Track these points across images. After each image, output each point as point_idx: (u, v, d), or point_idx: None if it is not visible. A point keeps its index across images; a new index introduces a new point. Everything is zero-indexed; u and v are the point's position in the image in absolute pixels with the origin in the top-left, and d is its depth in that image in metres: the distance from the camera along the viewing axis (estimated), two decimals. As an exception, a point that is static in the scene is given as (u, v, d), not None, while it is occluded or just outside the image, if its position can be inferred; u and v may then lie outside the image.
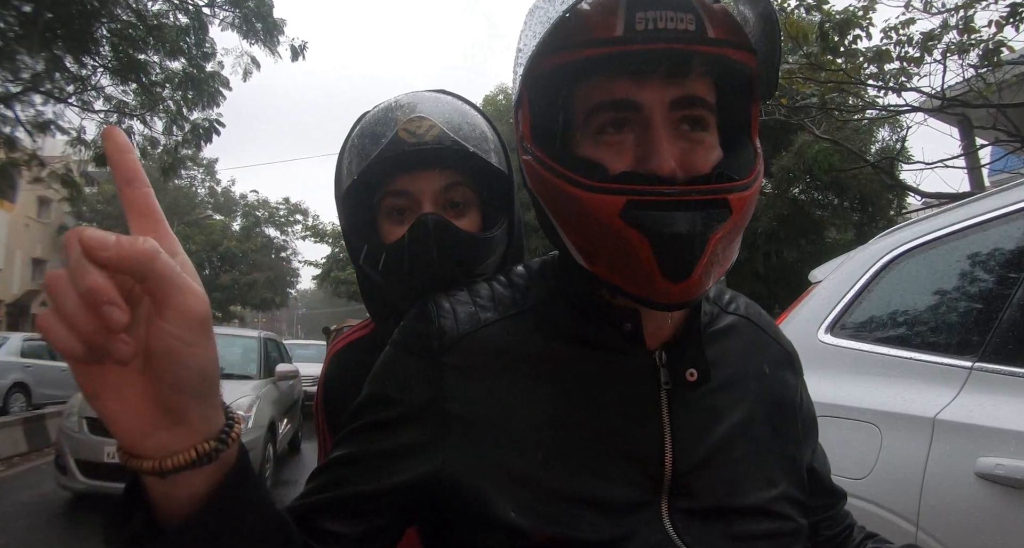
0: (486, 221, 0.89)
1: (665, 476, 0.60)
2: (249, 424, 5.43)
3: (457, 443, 0.59)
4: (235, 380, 6.23)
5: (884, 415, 1.51)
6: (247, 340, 7.23)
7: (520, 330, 0.64)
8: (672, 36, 0.53)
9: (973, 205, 1.65)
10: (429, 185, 0.84)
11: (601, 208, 0.54)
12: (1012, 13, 5.00)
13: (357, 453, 0.61)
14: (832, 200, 11.53)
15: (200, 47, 8.27)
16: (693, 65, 0.55)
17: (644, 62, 0.55)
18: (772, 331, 0.76)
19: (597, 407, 0.61)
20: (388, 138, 0.82)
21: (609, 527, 0.56)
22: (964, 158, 6.63)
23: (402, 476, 0.59)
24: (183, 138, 8.83)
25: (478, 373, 0.61)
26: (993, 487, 1.20)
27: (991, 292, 1.49)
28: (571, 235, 0.60)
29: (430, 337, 0.63)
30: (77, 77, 8.31)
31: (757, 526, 0.62)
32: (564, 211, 0.59)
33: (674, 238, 0.52)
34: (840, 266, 2.05)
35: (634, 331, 0.62)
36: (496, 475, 0.58)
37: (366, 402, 0.64)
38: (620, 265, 0.56)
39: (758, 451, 0.66)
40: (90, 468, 4.88)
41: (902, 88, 5.95)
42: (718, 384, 0.64)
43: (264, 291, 29.95)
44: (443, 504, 0.59)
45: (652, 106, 0.56)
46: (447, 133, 0.82)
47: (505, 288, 0.68)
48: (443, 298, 0.67)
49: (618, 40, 0.54)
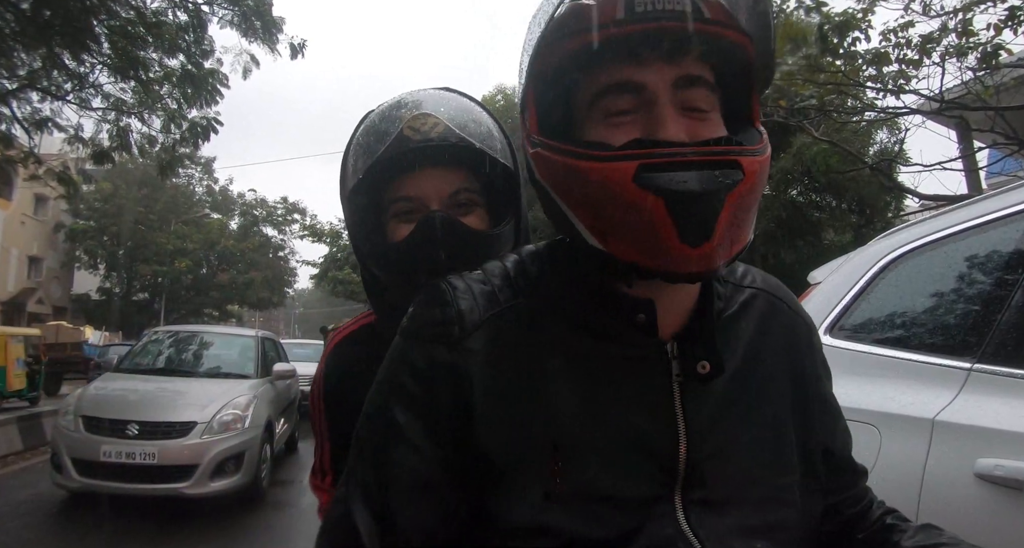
0: (493, 218, 0.88)
1: (679, 468, 0.59)
2: (246, 423, 5.39)
3: (483, 434, 0.58)
4: (232, 379, 6.23)
5: (883, 416, 1.51)
6: (245, 339, 7.22)
7: (534, 316, 0.62)
8: (670, 16, 0.55)
9: (973, 207, 1.66)
10: (436, 182, 0.83)
11: (613, 175, 0.54)
12: (1010, 16, 5.00)
13: (383, 448, 0.59)
14: (830, 202, 11.55)
15: (199, 45, 8.25)
16: (692, 44, 0.57)
17: (645, 41, 0.56)
18: (792, 303, 0.75)
19: (611, 399, 0.60)
20: (393, 136, 0.81)
21: (623, 520, 0.56)
22: (962, 160, 6.64)
23: (441, 453, 0.58)
24: (181, 136, 8.81)
25: (497, 361, 0.60)
26: (992, 488, 1.20)
27: (990, 293, 1.49)
28: (584, 215, 0.58)
29: (449, 322, 0.61)
30: (75, 74, 8.28)
31: (769, 515, 0.61)
32: (576, 190, 0.58)
33: (689, 196, 0.52)
34: (839, 267, 2.05)
35: (648, 322, 0.61)
36: (515, 468, 0.57)
37: (381, 400, 0.62)
38: (636, 235, 0.55)
39: (773, 436, 0.65)
40: (86, 467, 4.85)
41: (901, 90, 5.96)
42: (732, 372, 0.63)
43: (261, 290, 29.93)
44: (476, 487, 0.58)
45: (656, 85, 0.57)
46: (453, 129, 0.82)
47: (517, 268, 0.66)
48: (459, 280, 0.64)
49: (620, 21, 0.55)
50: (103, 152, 8.91)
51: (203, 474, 4.90)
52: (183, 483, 4.84)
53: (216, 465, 4.99)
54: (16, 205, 23.81)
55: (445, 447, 0.58)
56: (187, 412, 5.19)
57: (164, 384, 5.89)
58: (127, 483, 4.81)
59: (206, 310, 29.10)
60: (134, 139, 9.02)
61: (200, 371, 6.47)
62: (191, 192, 31.02)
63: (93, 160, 9.21)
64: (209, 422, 5.10)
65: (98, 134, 8.99)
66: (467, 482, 0.58)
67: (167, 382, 5.95)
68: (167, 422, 5.05)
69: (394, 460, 0.58)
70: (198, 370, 6.51)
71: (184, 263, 26.58)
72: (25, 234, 24.77)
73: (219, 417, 5.19)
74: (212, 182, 31.85)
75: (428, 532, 0.57)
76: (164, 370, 6.38)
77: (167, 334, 7.26)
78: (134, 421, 4.97)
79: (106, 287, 27.68)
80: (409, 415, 0.59)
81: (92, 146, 8.99)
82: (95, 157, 9.05)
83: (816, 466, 0.69)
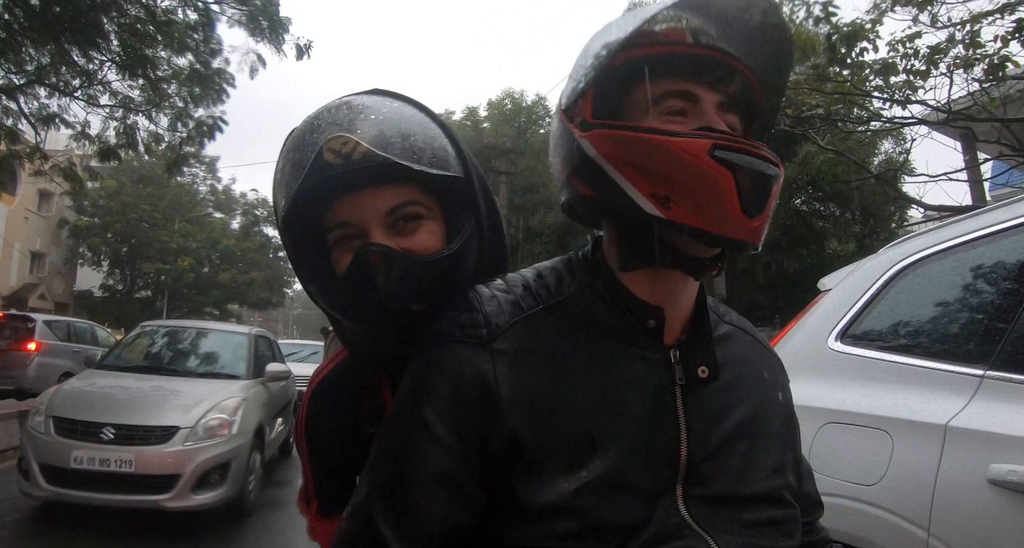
0: (451, 228, 0.80)
1: (680, 465, 0.65)
2: (234, 429, 4.83)
3: (511, 427, 0.62)
4: (222, 380, 5.65)
5: (895, 422, 1.52)
6: (237, 337, 6.57)
7: (557, 321, 0.68)
8: (724, 54, 0.68)
9: (984, 216, 1.66)
10: (371, 202, 0.75)
11: (691, 148, 0.62)
12: (1018, 28, 5.02)
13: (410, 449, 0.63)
14: (834, 211, 11.58)
15: (207, 43, 8.30)
16: (735, 78, 0.69)
17: (704, 66, 0.67)
18: (765, 343, 0.86)
19: (624, 398, 0.66)
20: (310, 163, 0.72)
21: (637, 510, 0.62)
22: (967, 172, 6.66)
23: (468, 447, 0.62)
24: (188, 134, 8.84)
25: (525, 361, 0.65)
26: (1006, 493, 1.20)
27: (1002, 301, 1.50)
28: (647, 184, 0.64)
29: (478, 325, 0.66)
30: (84, 71, 8.32)
31: (764, 512, 0.68)
32: (644, 162, 0.64)
33: (753, 174, 0.62)
34: (850, 274, 2.06)
35: (656, 327, 0.69)
36: (546, 458, 0.62)
37: (410, 399, 0.66)
38: (702, 202, 0.63)
39: (763, 444, 0.72)
40: (55, 474, 4.33)
41: (907, 101, 5.97)
42: (724, 383, 0.71)
43: (261, 290, 29.93)
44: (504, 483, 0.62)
45: (707, 101, 0.67)
46: (374, 152, 0.72)
47: (539, 279, 0.73)
48: (483, 288, 0.71)
49: (688, 44, 0.68)
50: (109, 149, 8.94)
51: (185, 485, 4.40)
52: (163, 495, 4.34)
53: (200, 475, 4.48)
54: (20, 200, 23.86)
55: (469, 442, 0.62)
56: (169, 415, 4.67)
57: (147, 383, 5.32)
58: (101, 493, 4.28)
59: (206, 309, 29.05)
60: (141, 137, 9.06)
61: (188, 370, 5.88)
62: (195, 191, 31.06)
63: (99, 157, 9.25)
64: (193, 427, 4.59)
65: (105, 131, 9.04)
66: (488, 475, 0.63)
67: (151, 381, 5.38)
68: (146, 426, 4.52)
69: (418, 454, 0.63)
70: (185, 369, 5.90)
71: (187, 262, 26.58)
72: (28, 229, 24.82)
73: (204, 422, 4.68)
74: (215, 181, 31.94)
75: (447, 521, 0.62)
76: (149, 368, 5.80)
77: (158, 328, 6.66)
78: (109, 424, 4.44)
79: (109, 284, 27.66)
80: (436, 412, 0.63)
81: (98, 143, 9.03)
82: (101, 154, 9.09)
83: (800, 478, 0.79)
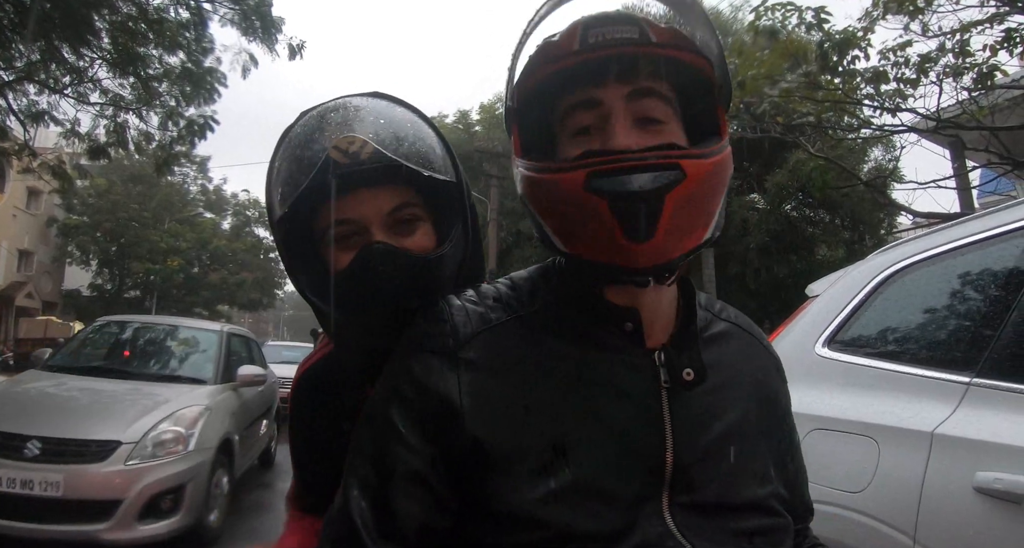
0: (440, 231, 0.83)
1: (666, 471, 0.64)
2: (191, 445, 4.00)
3: (474, 434, 0.62)
4: (183, 384, 4.82)
5: (882, 429, 1.52)
6: (206, 335, 5.67)
7: (527, 331, 0.68)
8: (620, 43, 0.64)
9: (972, 223, 1.67)
10: (373, 202, 0.78)
11: (566, 183, 0.62)
12: (1006, 38, 5.09)
13: (383, 456, 0.64)
14: (824, 217, 11.66)
15: (199, 42, 8.24)
16: (640, 65, 0.65)
17: (599, 66, 0.65)
18: (763, 339, 0.83)
19: (601, 404, 0.65)
20: (319, 162, 0.74)
21: (614, 519, 0.60)
22: (955, 179, 6.72)
23: (434, 451, 0.63)
24: (178, 133, 8.78)
25: (491, 369, 0.65)
26: (991, 501, 1.20)
27: (989, 308, 1.50)
28: (551, 222, 0.66)
29: (445, 335, 0.67)
30: (74, 68, 8.24)
31: (752, 521, 0.66)
32: (543, 200, 0.66)
33: (629, 196, 0.58)
34: (838, 280, 2.06)
35: (635, 330, 0.67)
36: (512, 466, 0.61)
37: (382, 403, 0.67)
38: (589, 236, 0.62)
39: (753, 449, 0.70)
40: None
41: (897, 109, 6.02)
42: (714, 385, 0.69)
43: (252, 291, 29.78)
44: (468, 489, 0.62)
45: (610, 99, 0.65)
46: (382, 152, 0.75)
47: (511, 291, 0.73)
48: (454, 299, 0.71)
49: (576, 52, 0.65)
50: (99, 147, 8.86)
51: (127, 513, 3.58)
52: (100, 524, 3.53)
53: (146, 501, 3.66)
54: (8, 198, 23.64)
55: (436, 445, 0.63)
56: (108, 427, 3.81)
57: (91, 387, 4.46)
58: (23, 521, 3.45)
59: (196, 309, 28.85)
60: (131, 135, 8.98)
61: (145, 373, 5.00)
62: (185, 191, 30.88)
63: (89, 155, 9.16)
64: (139, 442, 3.76)
65: (95, 129, 8.94)
66: (459, 476, 0.63)
67: (99, 385, 4.53)
68: (78, 440, 3.69)
69: (391, 456, 0.64)
70: (142, 371, 5.02)
71: (176, 262, 26.41)
72: (16, 227, 24.58)
73: (153, 435, 3.85)
74: (206, 181, 31.77)
75: (421, 520, 0.62)
76: (101, 369, 4.91)
77: (119, 324, 5.82)
78: (36, 437, 3.63)
79: (98, 283, 27.41)
80: (405, 417, 0.64)
81: (88, 141, 8.94)
82: (91, 152, 8.99)
83: (791, 485, 0.76)
